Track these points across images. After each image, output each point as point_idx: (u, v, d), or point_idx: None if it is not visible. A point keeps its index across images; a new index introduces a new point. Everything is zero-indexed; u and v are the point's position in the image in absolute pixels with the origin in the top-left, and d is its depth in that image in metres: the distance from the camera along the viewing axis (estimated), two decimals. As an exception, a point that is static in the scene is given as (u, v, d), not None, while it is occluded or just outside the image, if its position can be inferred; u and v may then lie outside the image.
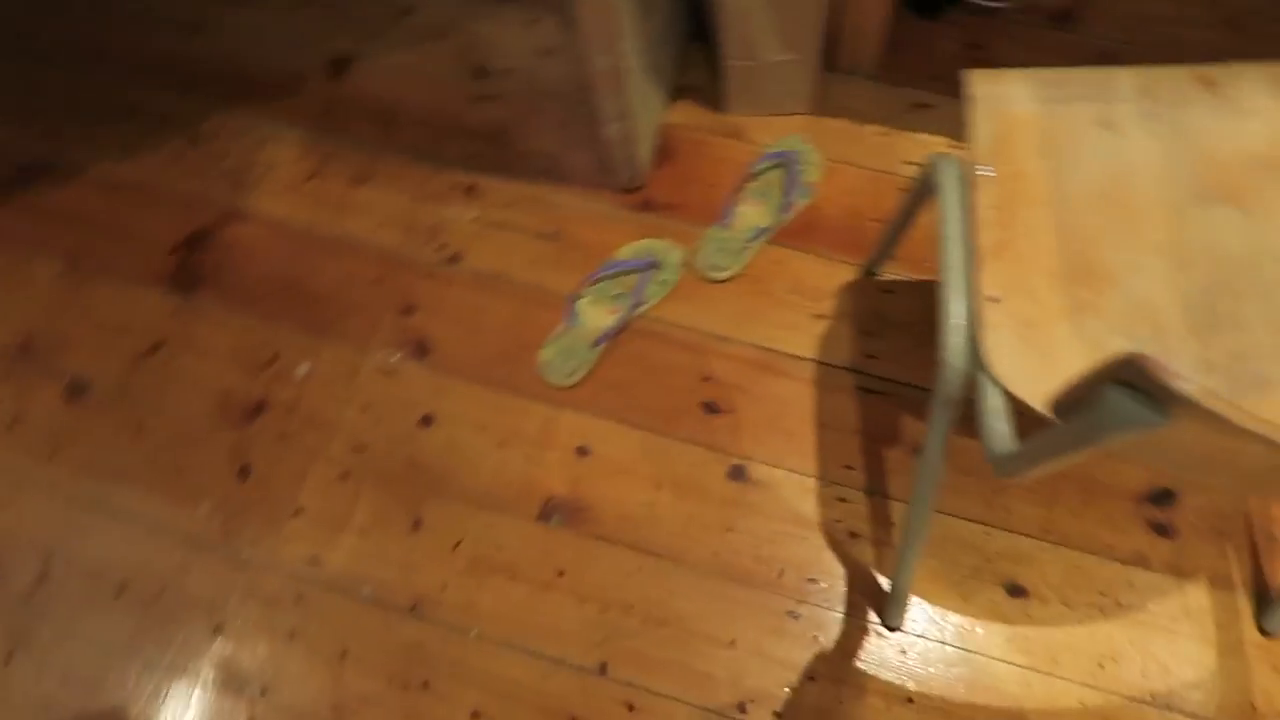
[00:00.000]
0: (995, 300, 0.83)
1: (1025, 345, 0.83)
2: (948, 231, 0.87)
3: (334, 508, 1.24)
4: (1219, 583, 1.14)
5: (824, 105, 1.40)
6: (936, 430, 0.91)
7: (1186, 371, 0.81)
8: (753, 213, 1.35)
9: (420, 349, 1.34)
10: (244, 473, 1.27)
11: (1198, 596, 1.14)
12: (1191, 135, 0.87)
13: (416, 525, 1.23)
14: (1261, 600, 1.13)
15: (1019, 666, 1.12)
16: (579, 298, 1.33)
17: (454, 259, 1.38)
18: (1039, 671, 1.11)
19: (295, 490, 1.26)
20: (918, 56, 1.42)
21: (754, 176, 1.36)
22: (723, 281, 1.33)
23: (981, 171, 0.87)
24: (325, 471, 1.28)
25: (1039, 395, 0.81)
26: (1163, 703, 1.09)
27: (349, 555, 1.21)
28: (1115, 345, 0.81)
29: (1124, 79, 0.90)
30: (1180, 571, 1.15)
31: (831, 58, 1.40)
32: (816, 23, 1.25)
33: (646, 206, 1.39)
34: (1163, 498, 1.19)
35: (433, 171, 1.43)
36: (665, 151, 1.41)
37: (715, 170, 1.40)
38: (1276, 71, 0.88)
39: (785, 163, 1.36)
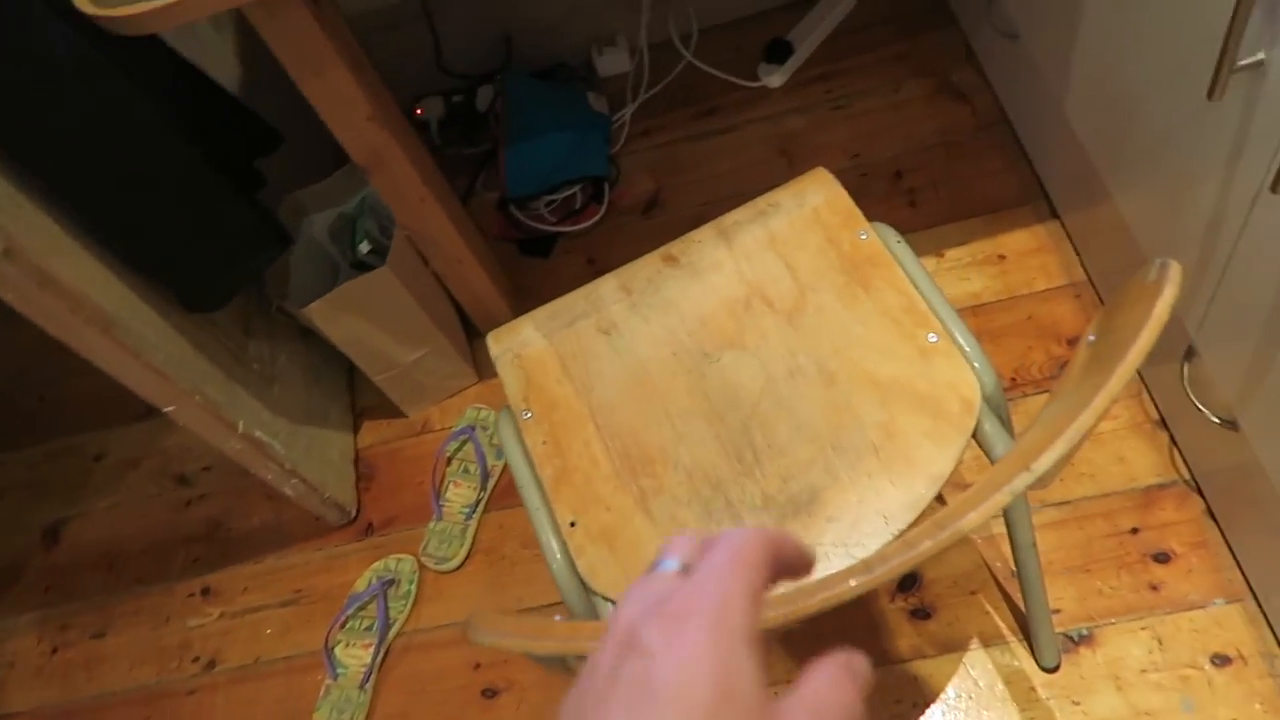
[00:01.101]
0: (573, 524, 0.87)
1: (613, 552, 0.86)
2: (519, 479, 0.92)
3: None
4: (990, 640, 1.14)
5: (486, 369, 1.49)
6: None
7: (753, 505, 0.86)
8: (460, 494, 1.39)
9: (206, 769, 1.30)
10: None
11: (979, 663, 1.13)
12: (677, 307, 0.96)
13: None
14: (1031, 640, 1.13)
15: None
16: (334, 646, 1.33)
17: (210, 665, 1.37)
18: (872, 810, 1.08)
19: None
20: (548, 290, 1.51)
21: (448, 460, 1.42)
22: (458, 569, 1.35)
23: (524, 417, 0.93)
24: None
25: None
26: (986, 785, 1.06)
27: None
28: (687, 516, 0.85)
29: (606, 285, 0.99)
30: (954, 646, 1.15)
31: (471, 326, 1.50)
32: (425, 318, 1.35)
33: (368, 531, 1.42)
34: (908, 582, 1.20)
35: (165, 592, 1.44)
36: (368, 474, 1.47)
37: (416, 470, 1.45)
38: (719, 227, 0.99)
39: (469, 436, 1.42)
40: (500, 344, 0.99)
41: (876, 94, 1.59)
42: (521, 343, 0.98)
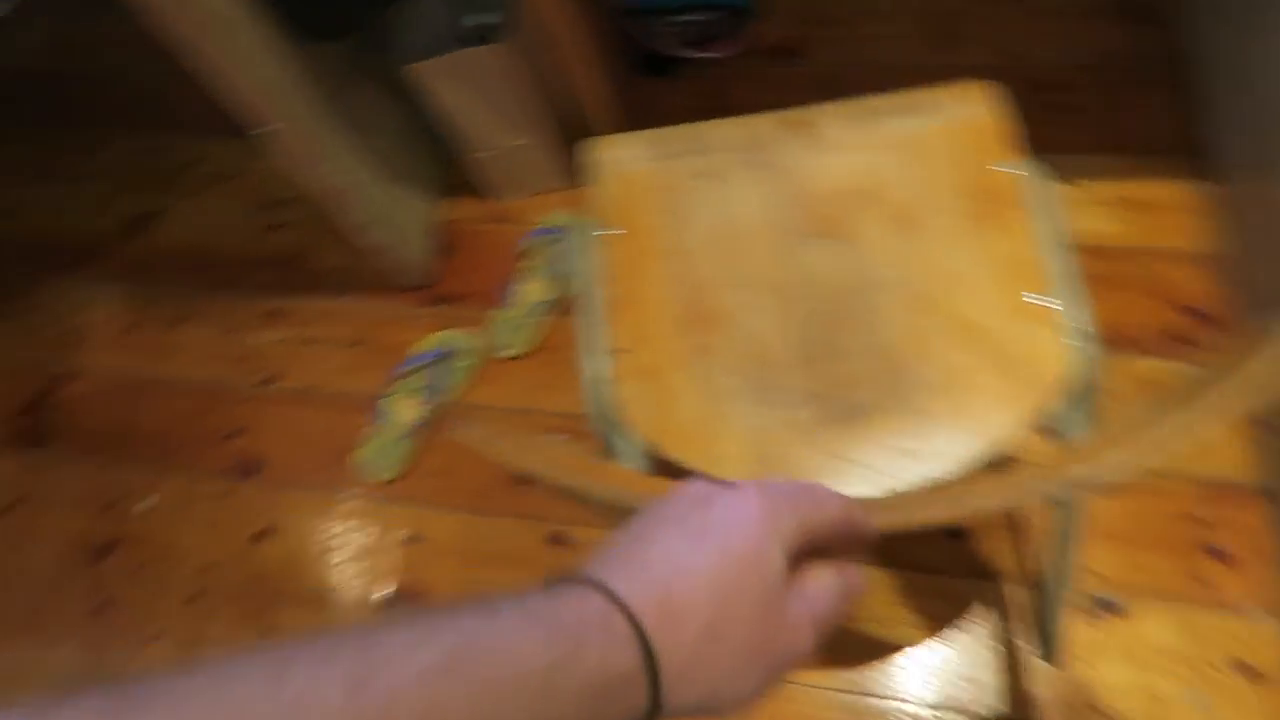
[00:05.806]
0: (626, 351, 0.82)
1: (649, 393, 0.82)
2: (582, 286, 0.85)
3: (190, 628, 1.26)
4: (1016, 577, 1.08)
5: (580, 177, 1.41)
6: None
7: (796, 398, 0.80)
8: (532, 289, 1.35)
9: (248, 469, 1.36)
10: (102, 608, 1.29)
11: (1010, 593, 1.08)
12: (787, 176, 0.85)
13: (268, 635, 1.24)
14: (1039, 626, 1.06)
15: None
16: (385, 396, 1.34)
17: (269, 380, 1.40)
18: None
19: (151, 617, 1.27)
20: (659, 116, 1.40)
21: (525, 255, 1.37)
22: (516, 358, 1.34)
23: (609, 231, 0.86)
24: (178, 594, 1.29)
25: (663, 441, 0.80)
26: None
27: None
28: (727, 383, 0.80)
29: (718, 131, 0.89)
30: (982, 573, 1.10)
31: (572, 132, 1.40)
32: (535, 106, 1.26)
33: (439, 300, 1.40)
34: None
35: (241, 303, 1.45)
36: (450, 246, 1.43)
37: (495, 256, 1.40)
38: (851, 109, 0.87)
39: (557, 237, 1.37)
40: (606, 152, 0.90)
41: (1061, -11, 1.38)
42: (628, 158, 0.89)
